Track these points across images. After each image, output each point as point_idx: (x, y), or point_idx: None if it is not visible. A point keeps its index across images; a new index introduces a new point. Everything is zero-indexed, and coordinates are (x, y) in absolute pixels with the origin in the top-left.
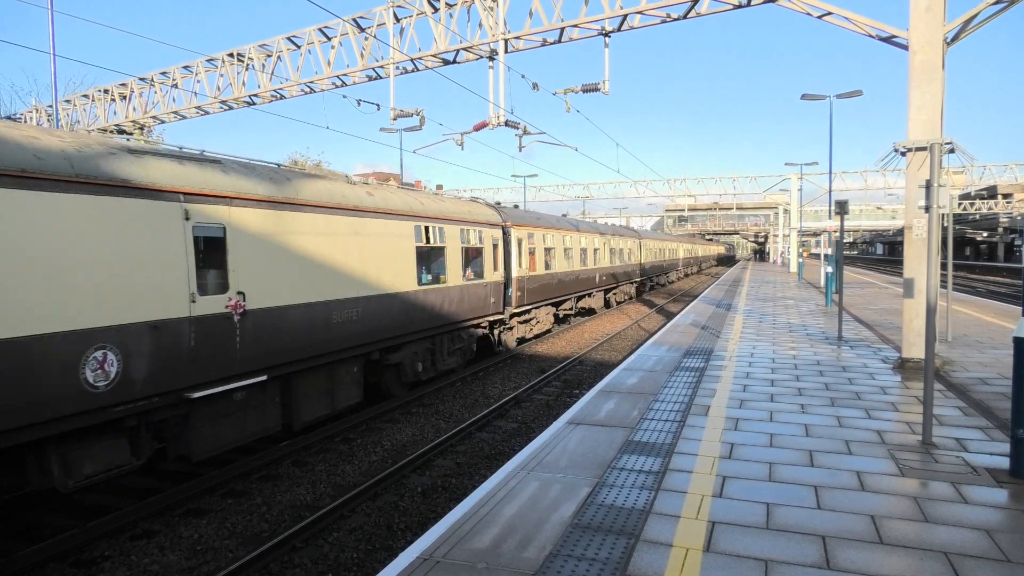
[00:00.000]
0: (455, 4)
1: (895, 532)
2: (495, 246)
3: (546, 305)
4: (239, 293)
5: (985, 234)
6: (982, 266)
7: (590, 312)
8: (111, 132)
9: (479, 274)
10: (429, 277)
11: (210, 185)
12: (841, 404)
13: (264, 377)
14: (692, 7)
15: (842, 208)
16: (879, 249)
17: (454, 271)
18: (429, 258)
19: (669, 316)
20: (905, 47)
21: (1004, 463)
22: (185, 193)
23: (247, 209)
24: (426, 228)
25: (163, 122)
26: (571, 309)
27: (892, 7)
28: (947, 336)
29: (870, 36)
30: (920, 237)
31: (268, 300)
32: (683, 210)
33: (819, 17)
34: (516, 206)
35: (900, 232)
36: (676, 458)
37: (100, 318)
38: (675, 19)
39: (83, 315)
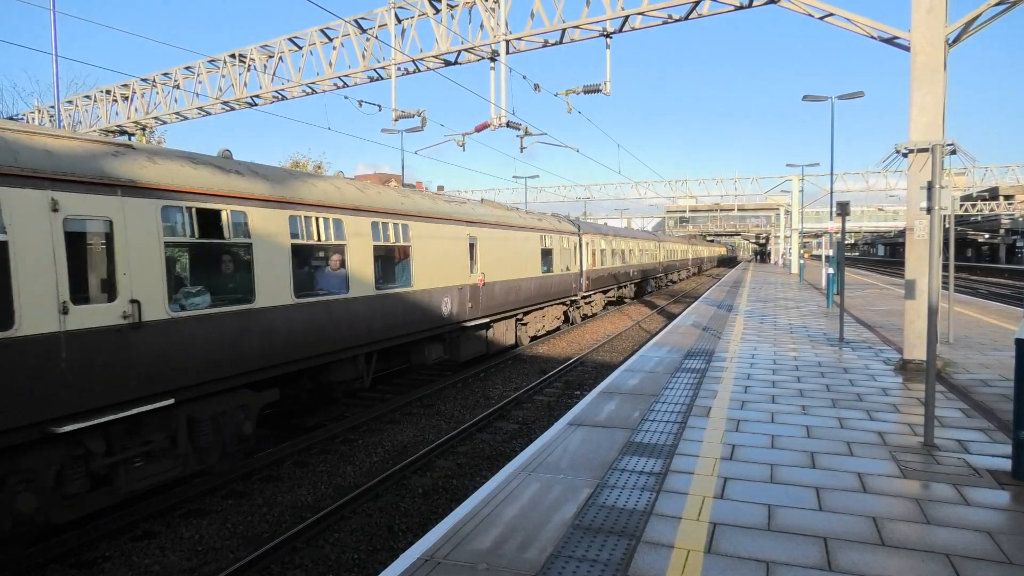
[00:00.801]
0: (456, 5)
1: (896, 534)
2: (574, 248)
3: (600, 292)
4: (482, 273)
5: (987, 235)
6: (983, 268)
7: (620, 301)
8: (113, 133)
9: (567, 267)
10: (546, 268)
11: (471, 216)
12: (842, 405)
13: (487, 320)
14: (693, 8)
15: (843, 209)
16: (880, 250)
17: (557, 264)
18: (546, 255)
19: (670, 317)
20: (907, 48)
21: (1006, 465)
22: (467, 221)
23: (482, 228)
24: (544, 236)
25: (165, 123)
26: (614, 296)
27: (894, 8)
28: (948, 338)
29: (872, 37)
30: (921, 238)
31: (490, 278)
32: (684, 211)
33: (820, 18)
34: (579, 217)
35: (901, 233)
36: (677, 459)
37: (448, 282)
38: (677, 20)
39: (445, 280)
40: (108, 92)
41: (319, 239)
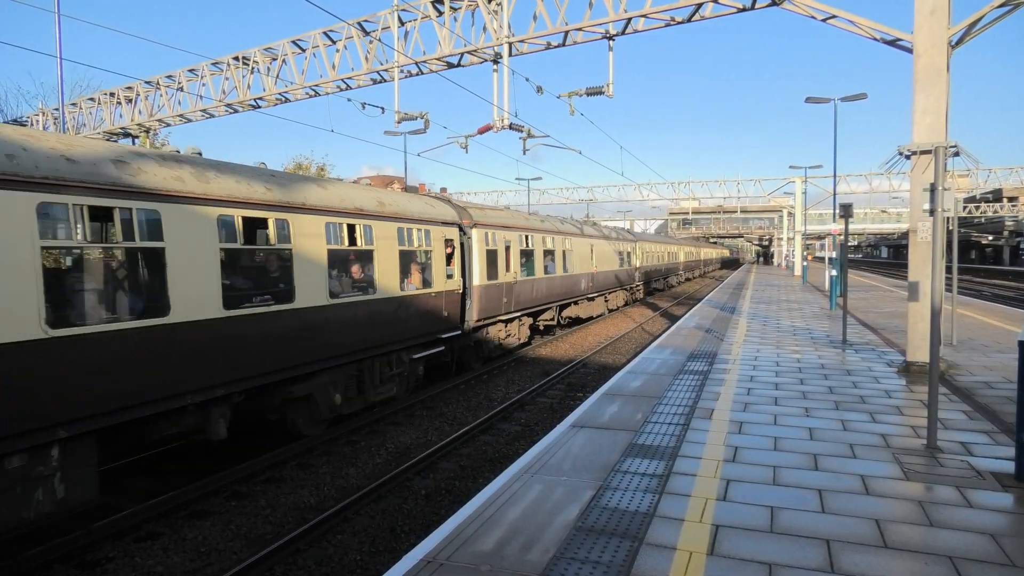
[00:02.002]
0: (459, 8)
1: (899, 536)
2: (632, 251)
3: (644, 283)
4: (595, 266)
5: (990, 237)
6: (987, 269)
7: (655, 291)
8: (117, 135)
9: (628, 263)
10: (620, 264)
11: (590, 232)
12: (845, 408)
13: (595, 295)
14: (696, 10)
15: (846, 211)
16: (884, 252)
17: (624, 263)
18: (620, 256)
19: (673, 319)
20: (910, 50)
21: (1009, 467)
22: (587, 236)
23: (594, 239)
24: (618, 243)
25: (168, 125)
26: (650, 286)
27: (896, 10)
28: (952, 340)
29: (874, 39)
30: (925, 240)
31: (600, 270)
32: (687, 213)
33: (823, 20)
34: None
35: (905, 235)
36: (680, 461)
37: (582, 270)
38: (679, 22)
39: (581, 269)
40: (112, 95)
41: (548, 246)
